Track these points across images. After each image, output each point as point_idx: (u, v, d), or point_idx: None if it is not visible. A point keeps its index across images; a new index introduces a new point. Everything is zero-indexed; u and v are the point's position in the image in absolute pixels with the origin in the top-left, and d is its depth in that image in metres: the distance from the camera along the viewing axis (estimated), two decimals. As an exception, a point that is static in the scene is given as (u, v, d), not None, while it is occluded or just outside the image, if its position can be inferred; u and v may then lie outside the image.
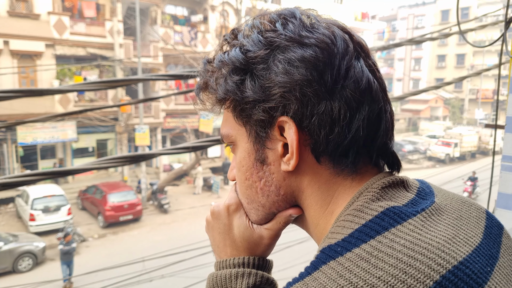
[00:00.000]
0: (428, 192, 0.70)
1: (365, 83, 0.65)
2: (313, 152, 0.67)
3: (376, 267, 0.52)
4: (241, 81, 0.67)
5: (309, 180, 0.69)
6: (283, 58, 0.65)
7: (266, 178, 0.71)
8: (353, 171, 0.68)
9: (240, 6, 24.20)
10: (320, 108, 0.64)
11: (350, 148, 0.65)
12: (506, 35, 1.78)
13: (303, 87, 0.64)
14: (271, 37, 0.67)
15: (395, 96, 3.58)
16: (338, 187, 0.68)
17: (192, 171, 23.38)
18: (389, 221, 0.58)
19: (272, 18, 0.70)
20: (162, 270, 11.49)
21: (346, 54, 0.66)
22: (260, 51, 0.66)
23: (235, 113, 0.71)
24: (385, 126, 0.68)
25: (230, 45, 0.72)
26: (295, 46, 0.65)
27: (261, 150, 0.70)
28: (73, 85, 2.32)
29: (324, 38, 0.65)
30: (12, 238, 14.22)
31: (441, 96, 46.19)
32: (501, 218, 1.67)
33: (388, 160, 0.71)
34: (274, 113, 0.66)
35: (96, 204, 18.30)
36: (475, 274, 0.53)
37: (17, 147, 20.37)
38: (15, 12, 19.55)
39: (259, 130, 0.69)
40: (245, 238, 0.79)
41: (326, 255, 0.58)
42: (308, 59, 0.64)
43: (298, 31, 0.66)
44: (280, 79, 0.64)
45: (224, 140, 0.78)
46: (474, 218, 0.66)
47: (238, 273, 0.76)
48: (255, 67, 0.66)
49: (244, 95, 0.67)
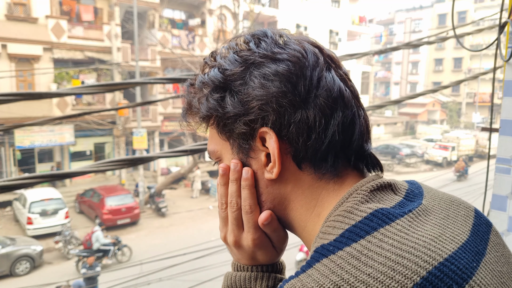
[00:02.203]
0: (417, 193, 0.73)
1: (336, 91, 0.70)
2: (294, 159, 0.70)
3: (366, 264, 0.55)
4: (221, 98, 0.72)
5: (292, 186, 0.72)
6: (259, 73, 0.69)
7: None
8: (334, 175, 0.71)
9: (237, 10, 24.22)
10: (296, 117, 0.68)
11: (329, 153, 0.69)
12: (500, 38, 1.80)
13: (279, 99, 0.68)
14: (246, 55, 0.71)
15: (393, 100, 3.58)
16: (321, 190, 0.72)
17: (189, 174, 23.36)
18: (377, 222, 0.61)
19: (246, 39, 0.75)
20: (159, 273, 11.47)
21: (317, 66, 0.70)
22: (237, 68, 0.71)
23: (219, 129, 0.75)
24: (359, 130, 0.72)
25: (209, 67, 0.76)
26: (268, 62, 0.69)
27: (245, 160, 0.74)
28: (71, 89, 2.32)
29: (295, 53, 0.70)
30: (9, 241, 14.18)
31: (439, 99, 46.29)
32: (495, 220, 1.69)
33: (367, 162, 0.75)
34: (254, 125, 0.70)
35: (93, 208, 18.26)
36: (460, 270, 0.56)
37: (14, 150, 20.33)
38: (13, 16, 19.55)
39: (242, 142, 0.73)
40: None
41: (319, 253, 0.60)
42: (281, 73, 0.68)
43: (271, 48, 0.71)
44: (257, 93, 0.68)
45: (211, 157, 0.82)
46: (462, 217, 0.69)
47: (258, 275, 0.81)
48: (233, 84, 0.71)
49: (225, 110, 0.71)
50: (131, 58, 22.49)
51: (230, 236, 0.79)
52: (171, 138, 26.18)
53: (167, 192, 22.54)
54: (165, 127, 25.28)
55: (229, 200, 0.78)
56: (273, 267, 0.83)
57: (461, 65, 48.15)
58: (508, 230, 1.68)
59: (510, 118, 1.64)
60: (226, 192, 0.78)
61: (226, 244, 0.81)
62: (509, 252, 0.70)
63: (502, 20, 1.72)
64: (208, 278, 11.04)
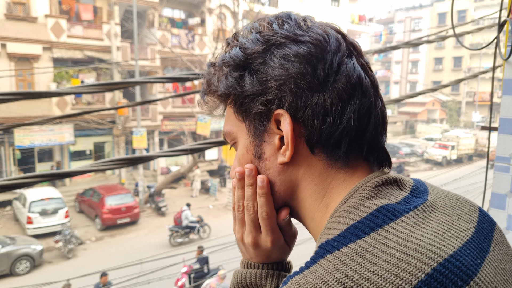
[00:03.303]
0: (422, 190, 0.73)
1: (356, 78, 0.69)
2: (307, 143, 0.70)
3: (371, 262, 0.55)
4: (240, 76, 0.72)
5: (304, 172, 0.72)
6: (279, 53, 0.69)
7: (262, 173, 0.75)
8: (345, 164, 0.71)
9: (237, 9, 24.21)
10: (313, 100, 0.68)
11: (342, 139, 0.69)
12: (500, 37, 1.80)
13: (297, 80, 0.68)
14: (268, 35, 0.71)
15: (392, 99, 3.58)
16: (331, 180, 0.71)
17: (189, 173, 23.36)
18: (382, 219, 0.61)
19: (270, 20, 0.75)
20: (159, 272, 11.48)
21: (338, 51, 0.70)
22: (258, 47, 0.71)
23: (236, 108, 0.75)
24: (375, 120, 0.71)
25: (231, 46, 0.76)
26: (290, 43, 0.70)
27: (259, 145, 0.74)
28: (71, 88, 2.32)
29: (317, 36, 0.70)
30: (9, 241, 14.19)
31: (438, 98, 46.26)
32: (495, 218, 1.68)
33: (378, 155, 0.74)
34: (271, 105, 0.70)
35: (93, 207, 18.26)
36: (465, 266, 0.56)
37: (14, 150, 20.31)
38: (12, 15, 19.53)
39: (257, 123, 0.73)
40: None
41: (324, 249, 0.60)
42: (302, 55, 0.68)
43: (293, 30, 0.71)
44: (276, 73, 0.69)
45: (226, 138, 0.82)
46: (467, 214, 0.69)
47: (268, 273, 0.82)
48: (253, 62, 0.71)
49: (243, 89, 0.71)
50: (131, 57, 22.47)
51: (248, 237, 0.79)
52: (171, 138, 26.17)
53: (166, 191, 22.54)
54: (165, 126, 25.27)
55: (246, 203, 0.78)
56: (282, 266, 0.84)
57: (461, 64, 48.11)
58: (507, 228, 1.68)
59: (509, 116, 1.64)
60: (243, 195, 0.79)
61: (242, 244, 0.82)
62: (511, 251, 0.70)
63: (502, 19, 1.72)
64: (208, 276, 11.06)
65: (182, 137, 24.70)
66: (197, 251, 12.58)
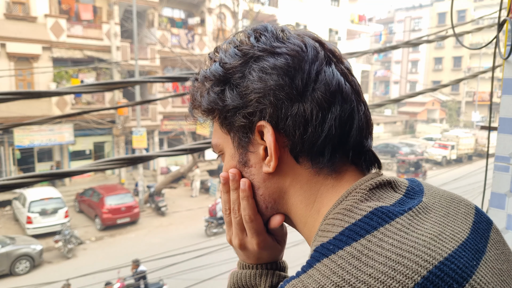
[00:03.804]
0: (418, 190, 0.73)
1: (335, 85, 0.70)
2: (291, 152, 0.71)
3: (367, 265, 0.55)
4: (221, 91, 0.73)
5: (291, 180, 0.73)
6: (257, 67, 0.70)
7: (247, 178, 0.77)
8: (332, 170, 0.72)
9: (237, 8, 24.21)
10: (293, 110, 0.69)
11: (325, 147, 0.70)
12: (499, 37, 1.80)
13: (276, 92, 0.69)
14: (245, 49, 0.73)
15: (392, 98, 3.59)
16: (320, 186, 0.72)
17: (189, 173, 23.35)
18: (377, 221, 0.61)
19: (248, 33, 0.76)
20: (159, 272, 11.49)
21: (316, 60, 0.71)
22: (236, 62, 0.72)
23: (220, 121, 0.77)
24: (358, 125, 0.72)
25: (211, 61, 0.78)
26: (267, 55, 0.71)
27: (244, 154, 0.75)
28: (71, 87, 2.32)
29: (294, 47, 0.71)
30: (9, 240, 14.18)
31: (438, 98, 46.28)
32: (494, 218, 1.69)
33: (365, 158, 0.75)
34: (253, 118, 0.71)
35: (93, 207, 18.25)
36: (460, 269, 0.56)
37: (14, 149, 20.30)
38: (12, 15, 19.51)
39: (241, 135, 0.74)
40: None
41: (320, 253, 0.61)
42: (279, 66, 0.69)
43: (270, 42, 0.72)
44: (255, 86, 0.70)
45: (214, 150, 0.84)
46: (462, 215, 0.69)
47: (263, 273, 0.83)
48: (232, 77, 0.72)
49: (225, 103, 0.73)
50: (131, 57, 22.46)
51: (235, 239, 0.81)
52: (171, 137, 26.17)
53: (166, 191, 22.52)
54: (165, 126, 25.27)
55: (232, 207, 0.80)
56: (277, 265, 0.85)
57: (460, 64, 48.14)
58: (507, 228, 1.68)
59: (509, 116, 1.64)
60: (228, 199, 0.80)
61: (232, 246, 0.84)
62: (509, 250, 0.70)
63: (501, 18, 1.72)
64: (207, 277, 11.05)
65: (182, 137, 24.69)
66: (132, 265, 11.77)
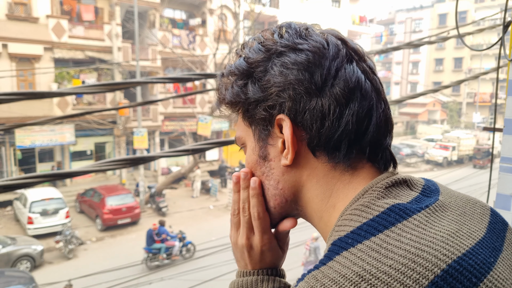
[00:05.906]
0: (434, 189, 0.75)
1: (354, 82, 0.72)
2: (308, 146, 0.73)
3: (387, 256, 0.56)
4: (244, 84, 0.77)
5: (308, 174, 0.75)
6: (279, 62, 0.73)
7: (266, 173, 0.79)
8: (348, 166, 0.73)
9: (238, 9, 24.24)
10: (311, 105, 0.71)
11: (342, 141, 0.71)
12: (504, 38, 1.79)
13: (296, 86, 0.71)
14: (269, 45, 0.76)
15: (393, 100, 3.58)
16: (336, 181, 0.74)
17: (190, 174, 23.37)
18: (395, 217, 0.63)
19: (272, 30, 0.79)
20: (161, 273, 11.50)
21: (337, 57, 0.73)
22: (259, 57, 0.75)
23: (243, 114, 0.80)
24: (376, 122, 0.73)
25: (237, 56, 0.81)
26: (289, 51, 0.73)
27: (264, 147, 0.78)
28: (72, 88, 2.32)
29: (316, 44, 0.73)
30: (10, 241, 14.19)
31: (439, 99, 46.28)
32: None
33: (382, 156, 0.76)
34: (272, 111, 0.74)
35: (94, 207, 18.27)
36: (478, 265, 0.58)
37: (15, 150, 20.33)
38: (13, 16, 19.55)
39: (261, 128, 0.77)
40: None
41: (338, 246, 0.62)
42: (300, 62, 0.72)
43: (293, 39, 0.75)
44: (276, 80, 0.72)
45: (237, 143, 0.87)
46: (478, 215, 0.71)
47: (264, 278, 0.85)
48: (255, 71, 0.75)
49: (247, 96, 0.76)
50: (132, 58, 22.50)
51: (242, 238, 0.84)
52: (172, 138, 26.19)
53: (167, 192, 22.54)
54: (166, 126, 25.28)
55: (241, 205, 0.83)
56: (277, 272, 0.87)
57: (461, 65, 48.14)
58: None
59: (514, 117, 1.63)
60: (238, 199, 0.84)
61: (236, 248, 0.87)
62: None
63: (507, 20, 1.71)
64: (208, 278, 11.06)
65: (183, 137, 24.69)
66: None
